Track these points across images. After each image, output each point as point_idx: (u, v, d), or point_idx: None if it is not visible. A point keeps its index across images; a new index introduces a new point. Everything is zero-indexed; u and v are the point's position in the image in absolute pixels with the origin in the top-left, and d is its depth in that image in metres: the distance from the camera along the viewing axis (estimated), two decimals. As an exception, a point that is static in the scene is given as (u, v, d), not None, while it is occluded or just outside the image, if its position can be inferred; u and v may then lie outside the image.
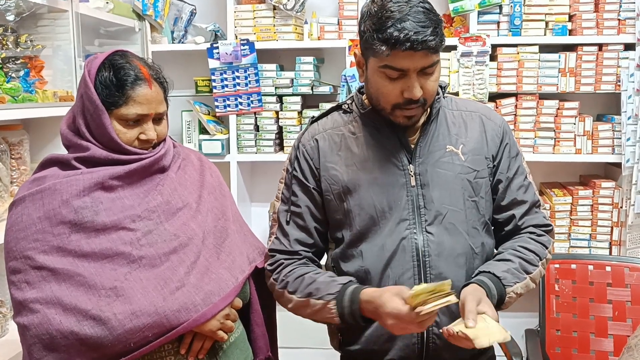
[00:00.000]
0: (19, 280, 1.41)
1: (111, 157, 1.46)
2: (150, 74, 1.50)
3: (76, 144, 1.49)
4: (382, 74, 1.45)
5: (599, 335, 2.32)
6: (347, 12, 2.97)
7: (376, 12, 1.42)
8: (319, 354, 2.84)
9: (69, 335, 1.35)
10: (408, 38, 1.36)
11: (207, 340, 1.48)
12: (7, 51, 2.11)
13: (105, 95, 1.44)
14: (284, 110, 3.07)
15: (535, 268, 1.55)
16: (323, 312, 1.49)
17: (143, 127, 1.49)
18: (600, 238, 2.85)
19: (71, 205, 1.42)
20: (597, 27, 2.80)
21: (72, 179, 1.44)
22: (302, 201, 1.60)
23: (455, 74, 2.86)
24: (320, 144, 1.60)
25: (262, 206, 3.31)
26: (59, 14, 2.30)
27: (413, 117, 1.50)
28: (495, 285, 1.46)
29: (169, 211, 1.50)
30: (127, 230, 1.44)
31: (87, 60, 1.51)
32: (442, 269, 1.50)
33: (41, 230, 1.41)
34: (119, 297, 1.38)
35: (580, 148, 2.85)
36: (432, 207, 1.52)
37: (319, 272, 1.57)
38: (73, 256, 1.40)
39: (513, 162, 1.60)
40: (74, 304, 1.36)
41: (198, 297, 1.43)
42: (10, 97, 1.98)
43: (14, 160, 2.10)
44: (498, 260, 1.55)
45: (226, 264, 1.53)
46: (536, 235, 1.60)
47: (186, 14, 3.18)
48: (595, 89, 2.82)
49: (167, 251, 1.45)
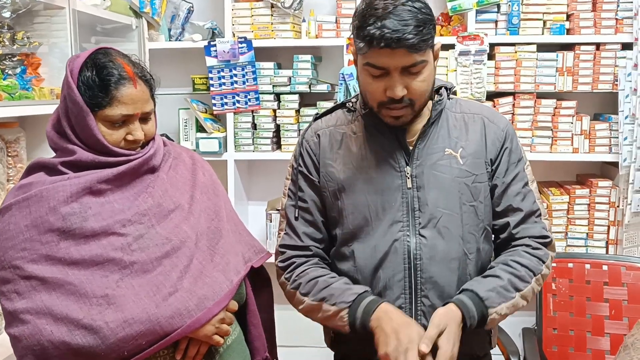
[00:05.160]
0: (9, 290, 1.37)
1: (98, 159, 1.43)
2: (135, 72, 1.45)
3: (62, 147, 1.45)
4: (366, 71, 1.45)
5: (595, 334, 2.32)
6: (345, 10, 2.97)
7: (362, 9, 1.42)
8: (317, 353, 2.84)
9: (61, 345, 1.32)
10: (383, 36, 1.35)
11: (202, 345, 1.46)
12: (4, 48, 2.09)
13: (88, 97, 1.40)
14: (282, 108, 3.07)
15: (527, 285, 1.50)
16: (334, 319, 1.48)
17: (129, 127, 1.45)
18: (597, 237, 2.85)
19: (59, 212, 1.38)
20: (594, 27, 2.80)
21: (58, 185, 1.40)
22: (308, 196, 1.60)
23: (453, 73, 2.86)
24: (321, 140, 1.60)
25: (259, 204, 3.30)
26: (56, 11, 2.28)
27: (401, 118, 1.48)
28: (477, 306, 1.42)
29: (160, 214, 1.47)
30: (118, 235, 1.41)
31: (69, 59, 1.46)
32: (433, 272, 1.49)
33: (29, 239, 1.37)
34: (110, 305, 1.35)
35: (578, 147, 2.85)
36: (427, 210, 1.50)
37: (333, 276, 1.55)
38: (63, 264, 1.37)
39: (512, 168, 1.56)
40: (64, 313, 1.33)
41: (192, 302, 1.41)
42: (7, 95, 1.96)
43: (10, 158, 2.09)
44: (487, 275, 1.51)
45: (220, 267, 1.50)
46: (532, 248, 1.54)
47: (183, 11, 3.16)
48: (593, 88, 2.82)
49: (159, 255, 1.42)
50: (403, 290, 1.49)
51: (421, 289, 1.49)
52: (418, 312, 1.49)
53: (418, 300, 1.49)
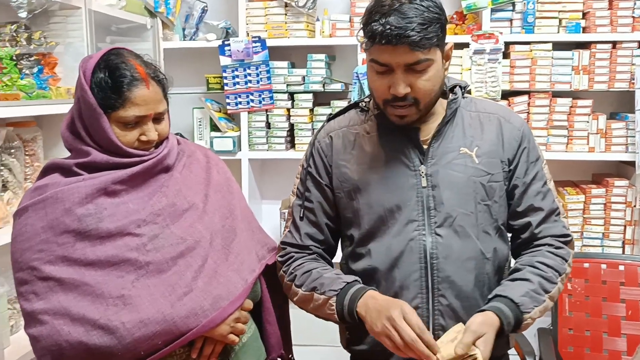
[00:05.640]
0: (26, 291, 1.39)
1: (112, 161, 1.43)
2: (147, 73, 1.45)
3: (77, 148, 1.46)
4: (371, 68, 1.45)
5: (611, 335, 2.30)
6: (359, 9, 2.96)
7: (371, 6, 1.42)
8: (332, 352, 2.84)
9: (78, 345, 1.33)
10: (384, 32, 1.35)
11: (217, 344, 1.46)
12: (21, 48, 2.11)
13: (101, 98, 1.40)
14: (295, 107, 3.07)
15: (554, 286, 1.50)
16: (324, 308, 1.49)
17: (143, 128, 1.45)
18: (613, 237, 2.84)
19: (74, 213, 1.39)
20: (611, 25, 2.78)
21: (73, 186, 1.41)
22: (314, 197, 1.61)
23: (467, 72, 2.85)
24: (334, 141, 1.60)
25: (273, 203, 3.31)
26: (71, 11, 2.30)
27: (405, 117, 1.47)
28: (513, 312, 1.41)
29: (174, 213, 1.47)
30: (133, 235, 1.41)
31: (82, 60, 1.46)
32: (449, 272, 1.48)
33: (45, 240, 1.38)
34: (126, 306, 1.36)
35: (594, 146, 2.83)
36: (442, 209, 1.49)
37: (327, 268, 1.57)
38: (79, 265, 1.37)
39: (532, 167, 1.56)
40: (81, 313, 1.34)
41: (206, 302, 1.41)
42: (24, 94, 1.98)
43: (27, 157, 2.10)
44: (516, 279, 1.50)
45: (235, 266, 1.51)
46: (554, 247, 1.54)
47: (197, 11, 3.18)
48: (609, 86, 2.80)
49: (174, 255, 1.43)
50: (420, 289, 1.48)
51: (438, 288, 1.48)
52: (435, 311, 1.49)
53: (435, 300, 1.48)
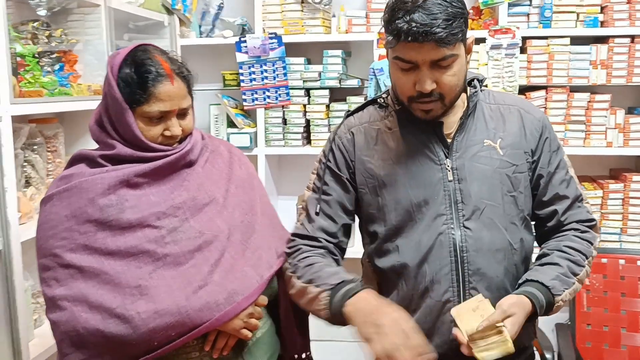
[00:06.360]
0: (48, 277, 1.43)
1: (136, 155, 1.46)
2: (172, 69, 1.47)
3: (103, 141, 1.49)
4: (396, 65, 1.45)
5: (630, 330, 2.29)
6: (375, 4, 2.97)
7: (393, 3, 1.42)
8: (348, 347, 2.86)
9: (95, 332, 1.37)
10: (411, 29, 1.35)
11: (231, 337, 1.48)
12: (42, 45, 2.13)
13: (127, 93, 1.43)
14: (312, 103, 3.08)
15: (582, 269, 1.51)
16: (314, 303, 1.46)
17: (167, 123, 1.47)
18: (632, 232, 2.82)
19: (97, 203, 1.42)
20: (629, 19, 2.76)
21: (97, 177, 1.44)
22: (332, 190, 1.60)
23: (484, 67, 2.84)
24: (356, 137, 1.60)
25: (289, 199, 3.31)
26: (91, 9, 2.32)
27: (431, 112, 1.47)
28: (545, 295, 1.43)
29: (194, 207, 1.49)
30: (152, 227, 1.44)
31: (110, 56, 1.50)
32: (480, 264, 1.48)
33: (68, 228, 1.42)
34: (143, 296, 1.38)
35: (612, 141, 2.82)
36: (470, 202, 1.49)
37: (332, 264, 1.55)
38: (99, 254, 1.41)
39: (554, 156, 1.57)
40: (99, 302, 1.38)
41: (221, 296, 1.43)
42: (47, 91, 2.00)
43: (49, 153, 2.13)
44: (545, 263, 1.51)
45: (252, 262, 1.52)
46: (580, 232, 1.56)
47: (214, 8, 3.19)
48: (628, 81, 2.78)
49: (191, 249, 1.45)
50: (451, 283, 1.48)
51: (469, 281, 1.48)
52: None
53: (467, 293, 1.48)
